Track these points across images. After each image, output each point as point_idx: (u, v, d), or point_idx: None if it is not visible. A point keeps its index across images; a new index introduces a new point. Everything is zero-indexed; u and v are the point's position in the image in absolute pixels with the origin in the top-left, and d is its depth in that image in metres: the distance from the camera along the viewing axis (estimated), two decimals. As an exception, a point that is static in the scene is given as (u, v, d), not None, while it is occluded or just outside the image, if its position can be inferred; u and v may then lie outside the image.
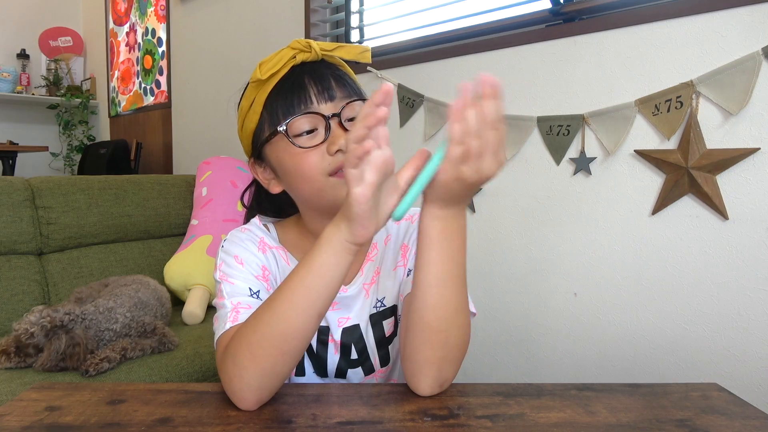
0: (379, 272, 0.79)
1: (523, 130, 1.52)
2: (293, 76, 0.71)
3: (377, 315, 0.78)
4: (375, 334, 0.78)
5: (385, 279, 0.79)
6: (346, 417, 0.59)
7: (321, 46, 0.72)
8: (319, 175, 0.69)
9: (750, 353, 1.18)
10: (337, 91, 0.71)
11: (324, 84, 0.70)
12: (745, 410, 0.62)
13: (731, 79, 1.17)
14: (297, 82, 0.70)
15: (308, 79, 0.70)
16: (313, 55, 0.72)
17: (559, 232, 1.48)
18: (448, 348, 0.63)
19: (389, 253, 0.80)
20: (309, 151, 0.69)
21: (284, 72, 0.71)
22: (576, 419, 0.59)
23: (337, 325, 0.77)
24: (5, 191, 1.80)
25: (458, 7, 1.76)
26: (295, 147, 0.69)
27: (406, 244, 0.79)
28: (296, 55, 0.71)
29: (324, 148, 0.69)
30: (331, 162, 0.69)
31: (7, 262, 1.77)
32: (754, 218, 1.17)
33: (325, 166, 0.69)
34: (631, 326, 1.36)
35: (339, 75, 0.72)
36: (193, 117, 2.94)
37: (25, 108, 3.80)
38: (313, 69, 0.71)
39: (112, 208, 2.02)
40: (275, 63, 0.70)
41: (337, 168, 0.69)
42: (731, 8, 1.18)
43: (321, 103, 0.70)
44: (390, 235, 0.81)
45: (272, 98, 0.71)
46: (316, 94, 0.70)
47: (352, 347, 0.77)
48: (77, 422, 0.57)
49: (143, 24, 3.32)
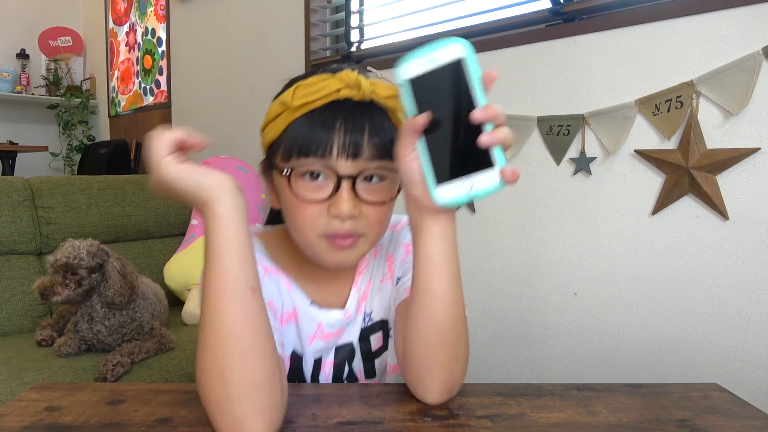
0: (369, 285, 0.76)
1: (523, 130, 1.52)
2: (327, 111, 0.62)
3: (366, 330, 0.75)
4: (362, 348, 0.75)
5: (373, 293, 0.75)
6: (346, 417, 0.59)
7: (373, 87, 0.63)
8: (310, 231, 0.63)
9: (750, 353, 1.18)
10: (368, 148, 0.62)
11: (354, 136, 0.61)
12: (745, 410, 0.62)
13: (731, 79, 1.17)
14: (326, 124, 0.61)
15: (340, 124, 0.61)
16: (358, 95, 0.62)
17: (559, 232, 1.48)
18: (460, 347, 0.61)
19: (379, 266, 0.76)
20: (310, 203, 0.62)
21: (320, 104, 0.62)
22: (576, 419, 0.59)
23: (333, 348, 0.75)
24: (5, 191, 1.80)
25: (458, 7, 1.75)
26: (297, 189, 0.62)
27: (391, 255, 0.76)
28: (340, 90, 0.62)
29: (326, 205, 0.62)
30: (326, 224, 0.62)
31: (7, 262, 1.77)
32: (754, 218, 1.17)
33: (319, 225, 0.63)
34: (631, 326, 1.36)
35: (378, 126, 0.63)
36: (193, 117, 2.94)
37: (24, 108, 3.80)
38: (352, 113, 0.62)
39: (112, 208, 2.02)
40: (313, 92, 0.62)
41: (328, 234, 0.63)
42: (731, 8, 1.18)
43: (341, 158, 0.61)
44: (379, 246, 0.77)
45: (297, 127, 0.63)
46: (340, 145, 0.61)
47: (345, 365, 0.75)
48: (77, 422, 0.57)
49: (143, 24, 3.32)
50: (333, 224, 0.62)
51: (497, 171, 0.50)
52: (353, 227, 0.63)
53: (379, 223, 0.65)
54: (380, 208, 0.64)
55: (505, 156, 0.51)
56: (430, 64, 0.51)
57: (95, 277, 1.40)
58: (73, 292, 1.37)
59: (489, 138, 0.50)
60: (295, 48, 2.23)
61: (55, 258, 1.37)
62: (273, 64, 2.35)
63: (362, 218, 0.63)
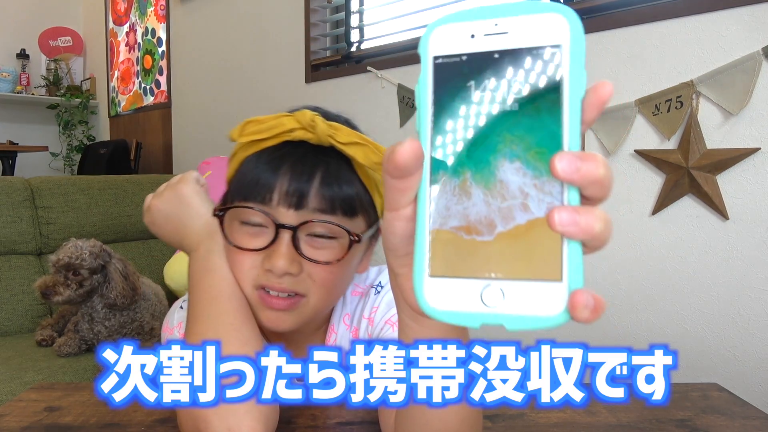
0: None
1: (523, 130, 1.52)
2: (277, 152, 0.56)
3: None
4: None
5: None
6: (346, 417, 0.59)
7: (332, 132, 0.55)
8: (245, 281, 0.57)
9: (750, 353, 1.18)
10: (316, 199, 0.54)
11: (301, 184, 0.54)
12: (745, 410, 0.62)
13: (731, 79, 1.17)
14: (274, 166, 0.55)
15: (287, 168, 0.54)
16: (314, 138, 0.55)
17: (559, 232, 1.48)
18: None
19: (345, 338, 0.68)
20: (244, 252, 0.56)
21: (270, 143, 0.56)
22: (576, 419, 0.59)
23: None
24: (5, 191, 1.80)
25: (458, 7, 1.75)
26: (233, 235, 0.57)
27: (357, 328, 0.67)
28: (294, 130, 0.55)
29: (262, 255, 0.55)
30: (259, 275, 0.56)
31: (7, 262, 1.77)
32: (754, 218, 1.17)
33: (253, 276, 0.56)
34: (631, 326, 1.36)
35: (334, 177, 0.55)
36: (193, 117, 2.94)
37: (24, 108, 3.80)
38: (304, 156, 0.55)
39: (112, 208, 2.02)
40: (263, 130, 0.55)
41: (260, 286, 0.56)
42: (731, 8, 1.18)
43: (282, 206, 0.54)
44: (348, 314, 0.68)
45: (245, 165, 0.57)
46: (283, 192, 0.54)
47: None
48: (77, 422, 0.57)
49: (143, 24, 3.32)
50: (268, 278, 0.55)
51: (564, 291, 0.27)
52: (291, 286, 0.55)
53: (326, 285, 0.57)
54: (327, 268, 0.55)
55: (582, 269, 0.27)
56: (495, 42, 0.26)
57: (97, 278, 1.40)
58: (74, 293, 1.37)
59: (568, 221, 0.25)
60: (295, 48, 2.23)
61: (57, 258, 1.37)
62: (273, 64, 2.35)
63: (304, 277, 0.56)
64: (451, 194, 0.27)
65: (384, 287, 0.67)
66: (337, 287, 0.60)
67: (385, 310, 0.65)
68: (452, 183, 0.27)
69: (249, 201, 0.55)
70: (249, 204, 0.55)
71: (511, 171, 0.26)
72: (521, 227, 0.26)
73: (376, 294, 0.66)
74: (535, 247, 0.26)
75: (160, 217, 0.63)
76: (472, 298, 0.27)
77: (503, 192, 0.26)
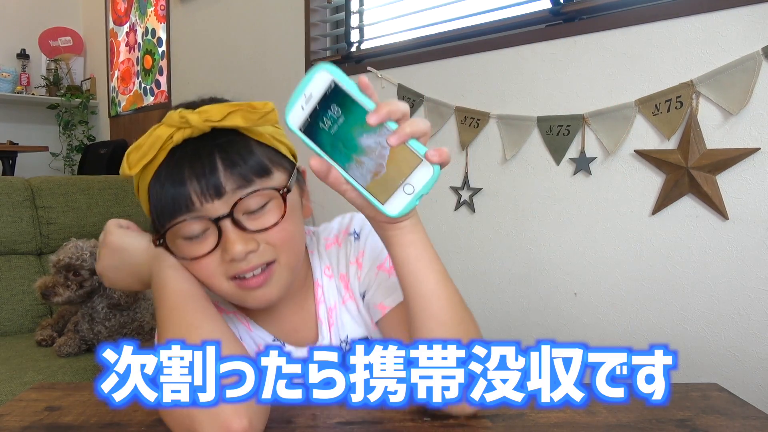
0: (332, 310, 0.72)
1: (523, 130, 1.52)
2: (172, 163, 0.57)
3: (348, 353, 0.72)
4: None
5: (340, 316, 0.72)
6: (346, 417, 0.59)
7: (205, 116, 0.56)
8: (218, 280, 0.60)
9: (750, 353, 1.18)
10: (229, 181, 0.57)
11: (208, 176, 0.56)
12: (745, 410, 0.62)
13: (731, 79, 1.17)
14: (175, 177, 0.56)
15: (189, 171, 0.56)
16: (194, 131, 0.56)
17: (559, 232, 1.48)
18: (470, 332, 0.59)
19: (332, 289, 0.72)
20: (200, 258, 0.58)
21: (160, 159, 0.57)
22: (576, 419, 0.59)
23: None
24: (5, 191, 1.80)
25: (458, 7, 1.75)
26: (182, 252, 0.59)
27: (344, 274, 0.72)
28: (172, 135, 0.56)
29: (218, 252, 0.58)
30: (227, 268, 0.59)
31: (7, 262, 1.77)
32: (754, 218, 1.17)
33: (222, 272, 0.59)
34: (631, 326, 1.36)
35: (232, 154, 0.58)
36: (193, 117, 2.94)
37: (25, 108, 3.80)
38: (196, 152, 0.57)
39: (112, 208, 2.02)
40: (145, 152, 0.56)
41: (234, 274, 0.59)
42: (731, 8, 1.18)
43: (206, 202, 0.56)
44: (326, 265, 0.73)
45: (152, 193, 0.58)
46: (198, 192, 0.56)
47: None
48: (77, 422, 0.57)
49: (143, 24, 3.32)
50: (236, 266, 0.58)
51: (425, 161, 0.49)
52: (259, 259, 0.59)
53: (287, 242, 0.61)
54: (277, 229, 0.59)
55: (423, 143, 0.50)
56: (310, 103, 0.49)
57: (97, 278, 1.40)
58: (74, 293, 1.37)
59: (396, 137, 0.49)
60: (295, 48, 2.23)
61: (58, 258, 1.37)
62: (273, 64, 2.35)
63: (264, 247, 0.59)
64: (356, 167, 0.51)
65: (361, 233, 0.71)
66: (296, 238, 0.64)
67: (373, 255, 0.70)
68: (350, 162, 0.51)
69: (177, 217, 0.57)
70: (179, 219, 0.57)
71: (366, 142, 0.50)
72: (391, 156, 0.50)
73: (357, 240, 0.71)
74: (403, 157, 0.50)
75: (113, 275, 0.67)
76: (405, 197, 0.51)
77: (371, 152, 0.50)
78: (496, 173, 1.60)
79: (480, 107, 1.60)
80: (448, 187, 1.71)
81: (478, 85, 1.62)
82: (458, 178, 1.68)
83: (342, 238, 0.73)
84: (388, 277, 0.68)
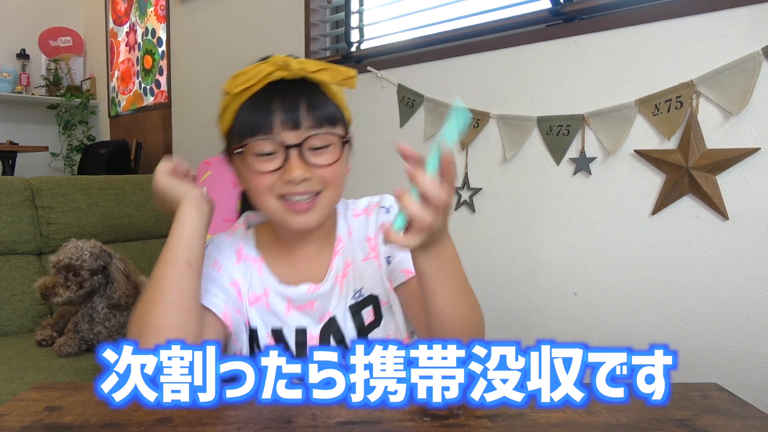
0: (349, 264, 0.81)
1: (523, 130, 1.52)
2: (265, 94, 0.70)
3: (356, 305, 0.80)
4: (355, 323, 0.80)
5: (358, 271, 0.81)
6: (346, 417, 0.59)
7: (302, 65, 0.70)
8: (269, 197, 0.72)
9: (750, 353, 1.18)
10: (306, 119, 0.70)
11: (292, 110, 0.69)
12: (745, 410, 0.62)
13: (731, 79, 1.17)
14: (265, 105, 0.70)
15: (277, 103, 0.69)
16: (290, 74, 0.70)
17: (559, 232, 1.48)
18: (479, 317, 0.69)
19: (355, 246, 0.82)
20: (264, 174, 0.70)
21: (257, 88, 0.70)
22: (576, 419, 0.59)
23: (317, 321, 0.80)
24: (5, 191, 1.80)
25: (458, 7, 1.75)
26: (251, 165, 0.71)
27: (371, 237, 0.81)
28: (273, 72, 0.70)
29: (279, 174, 0.70)
30: (281, 188, 0.71)
31: (7, 262, 1.77)
32: (754, 218, 1.17)
33: (275, 189, 0.71)
34: (631, 326, 1.36)
35: (313, 100, 0.71)
36: (193, 117, 2.94)
37: (25, 108, 3.80)
38: (286, 91, 0.70)
39: (112, 208, 2.02)
40: (249, 78, 0.70)
41: (283, 195, 0.71)
42: (731, 8, 1.18)
43: (285, 131, 0.69)
44: (351, 227, 0.83)
45: (242, 113, 0.71)
46: (281, 121, 0.69)
47: (330, 339, 0.80)
48: (77, 422, 0.57)
49: (143, 24, 3.32)
50: (287, 188, 0.70)
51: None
52: (309, 188, 0.71)
53: (334, 180, 0.73)
54: (331, 168, 0.72)
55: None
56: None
57: (97, 279, 1.40)
58: (74, 294, 1.36)
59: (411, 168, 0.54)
60: (295, 48, 2.23)
61: (58, 258, 1.37)
62: (273, 64, 2.35)
63: (316, 179, 0.71)
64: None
65: (391, 209, 0.82)
66: (340, 181, 0.76)
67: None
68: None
69: (256, 136, 0.69)
70: (259, 138, 0.69)
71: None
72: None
73: (387, 213, 0.82)
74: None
75: (161, 205, 0.78)
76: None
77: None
78: (496, 173, 1.60)
79: (480, 107, 1.60)
80: (448, 187, 1.71)
81: (478, 85, 1.62)
82: (458, 178, 1.68)
83: (372, 210, 0.84)
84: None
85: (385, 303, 0.80)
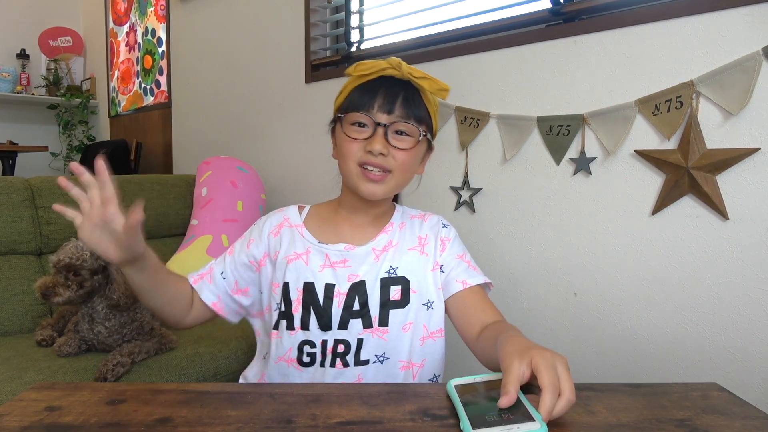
0: (392, 244, 0.93)
1: (523, 130, 1.52)
2: (376, 83, 0.87)
3: (388, 279, 0.90)
4: (381, 294, 0.89)
5: (400, 253, 0.92)
6: (346, 417, 0.59)
7: (410, 70, 0.87)
8: (352, 160, 0.87)
9: (750, 353, 1.18)
10: (399, 109, 0.86)
11: (391, 100, 0.86)
12: (745, 410, 0.62)
13: (731, 79, 1.17)
14: (372, 90, 0.87)
15: (382, 91, 0.86)
16: (399, 74, 0.87)
17: (559, 232, 1.48)
18: None
19: (405, 235, 0.95)
20: (354, 140, 0.87)
21: (372, 77, 0.88)
22: (576, 419, 0.59)
23: (346, 279, 0.89)
24: (5, 191, 1.80)
25: (458, 7, 1.76)
26: (347, 131, 0.88)
27: (422, 237, 0.95)
28: (387, 69, 0.87)
29: (365, 143, 0.86)
30: (362, 156, 0.86)
31: (7, 262, 1.77)
32: (754, 218, 1.17)
33: (358, 156, 0.86)
34: (631, 326, 1.36)
35: (410, 97, 0.87)
36: (193, 117, 2.94)
37: (24, 108, 3.80)
38: (391, 84, 0.87)
39: (112, 208, 2.01)
40: (368, 68, 0.88)
41: (362, 162, 0.86)
42: (731, 8, 1.18)
43: (380, 112, 0.86)
44: (405, 222, 0.97)
45: (354, 92, 0.89)
46: (380, 104, 0.86)
47: (356, 299, 0.88)
48: (77, 422, 0.57)
49: (143, 24, 3.32)
50: (367, 156, 0.85)
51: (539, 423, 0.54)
52: (383, 162, 0.86)
53: (404, 164, 0.87)
54: (405, 153, 0.87)
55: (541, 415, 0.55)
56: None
57: (97, 279, 1.40)
58: (74, 294, 1.36)
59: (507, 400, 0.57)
60: (295, 48, 2.23)
61: (58, 258, 1.36)
62: (273, 64, 2.35)
63: (390, 158, 0.86)
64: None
65: (449, 227, 0.99)
66: (409, 170, 0.90)
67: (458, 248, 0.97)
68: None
69: (358, 110, 0.87)
70: (361, 112, 0.86)
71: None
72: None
73: (444, 228, 0.98)
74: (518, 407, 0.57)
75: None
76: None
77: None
78: (496, 173, 1.60)
79: (480, 107, 1.60)
80: (448, 187, 1.71)
81: (478, 85, 1.62)
82: (458, 178, 1.68)
83: (428, 218, 0.99)
84: (468, 267, 0.94)
85: (415, 291, 0.90)
